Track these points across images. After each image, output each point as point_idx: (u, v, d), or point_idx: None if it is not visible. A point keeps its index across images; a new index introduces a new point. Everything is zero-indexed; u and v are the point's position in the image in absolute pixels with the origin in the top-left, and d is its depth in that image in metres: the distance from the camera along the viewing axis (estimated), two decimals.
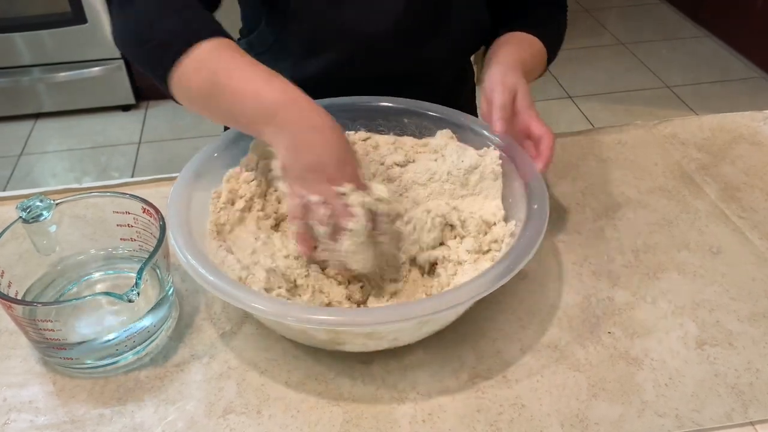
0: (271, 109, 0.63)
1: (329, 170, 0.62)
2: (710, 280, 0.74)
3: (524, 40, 0.86)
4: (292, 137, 0.62)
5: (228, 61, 0.65)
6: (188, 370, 0.64)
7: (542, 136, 0.73)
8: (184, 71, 0.65)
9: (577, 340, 0.67)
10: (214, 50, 0.66)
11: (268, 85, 0.64)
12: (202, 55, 0.65)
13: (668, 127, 1.00)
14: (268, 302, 0.58)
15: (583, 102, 2.76)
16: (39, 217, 0.67)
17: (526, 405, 0.61)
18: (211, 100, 0.66)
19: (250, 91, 0.64)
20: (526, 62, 0.81)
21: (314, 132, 0.62)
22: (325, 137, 0.62)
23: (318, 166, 0.62)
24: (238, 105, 0.65)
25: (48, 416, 0.61)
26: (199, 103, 0.68)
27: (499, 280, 0.58)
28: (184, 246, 0.61)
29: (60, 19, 2.49)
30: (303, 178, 0.62)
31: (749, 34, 2.95)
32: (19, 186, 2.35)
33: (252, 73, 0.65)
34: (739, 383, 0.63)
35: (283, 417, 0.60)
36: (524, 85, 0.76)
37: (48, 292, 0.69)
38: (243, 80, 0.64)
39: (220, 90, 0.65)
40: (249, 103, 0.64)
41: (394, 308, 0.60)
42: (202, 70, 0.65)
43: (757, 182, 0.88)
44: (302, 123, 0.62)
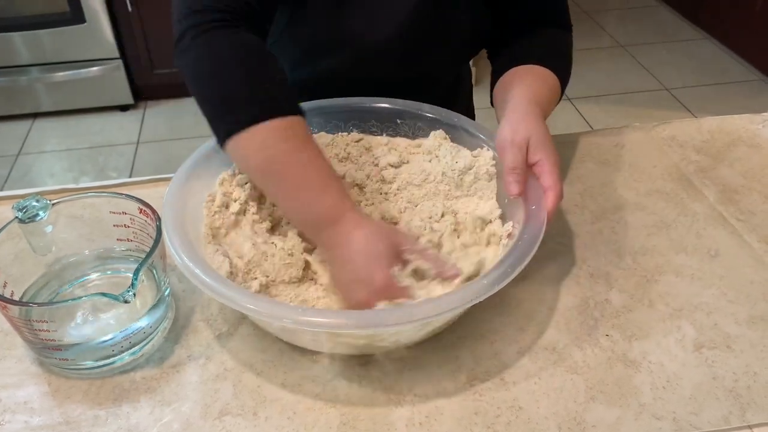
0: (318, 222, 0.64)
1: (361, 285, 0.62)
2: (708, 282, 0.74)
3: (537, 74, 0.81)
4: (329, 254, 0.66)
5: (288, 151, 0.64)
6: (184, 372, 0.64)
7: (548, 189, 0.68)
8: (244, 142, 0.64)
9: (575, 343, 0.67)
10: (279, 132, 0.64)
11: (318, 197, 0.64)
12: (269, 134, 0.64)
13: (667, 129, 0.99)
14: (267, 304, 0.58)
15: (581, 104, 2.76)
16: (35, 218, 0.66)
17: (524, 407, 0.61)
18: (266, 183, 0.67)
19: (303, 197, 0.65)
20: (541, 99, 0.77)
21: (343, 249, 0.63)
22: (351, 252, 0.63)
23: (350, 285, 0.64)
24: (288, 203, 0.66)
25: (43, 417, 0.60)
26: (255, 177, 0.69)
27: (501, 281, 0.58)
28: (180, 248, 0.61)
29: (58, 19, 2.49)
30: (343, 297, 0.65)
31: (748, 37, 2.95)
32: (17, 186, 2.35)
33: (307, 175, 0.64)
34: (737, 386, 0.63)
35: (279, 419, 0.60)
36: (539, 131, 0.71)
37: (44, 293, 0.69)
38: (297, 181, 0.64)
39: (275, 180, 0.65)
40: (297, 208, 0.66)
41: (394, 311, 0.60)
42: (262, 151, 0.64)
43: (755, 185, 0.88)
44: (336, 241, 0.64)
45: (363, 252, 0.63)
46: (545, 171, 0.69)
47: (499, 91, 0.82)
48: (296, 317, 0.56)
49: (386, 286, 0.61)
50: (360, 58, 0.84)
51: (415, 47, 0.84)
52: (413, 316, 0.56)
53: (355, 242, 0.63)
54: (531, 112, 0.73)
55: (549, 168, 0.69)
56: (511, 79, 0.81)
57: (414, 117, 0.82)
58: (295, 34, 0.86)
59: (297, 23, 0.84)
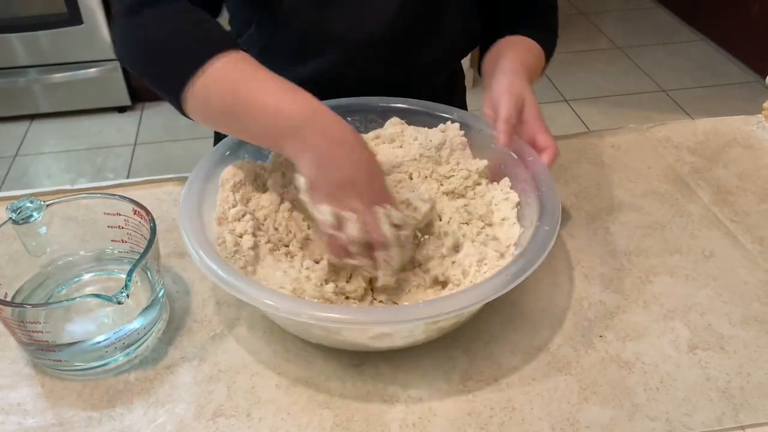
0: (294, 124, 0.61)
1: (359, 186, 0.61)
2: (702, 283, 0.74)
3: (524, 43, 0.85)
4: (318, 153, 0.61)
5: (247, 75, 0.64)
6: (178, 373, 0.64)
7: (546, 147, 0.72)
8: (200, 87, 0.64)
9: (569, 344, 0.67)
10: (231, 64, 0.64)
11: (289, 99, 0.62)
12: (220, 70, 0.63)
13: (662, 130, 1.00)
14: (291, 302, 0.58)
15: (578, 105, 2.77)
16: (29, 219, 0.66)
17: (518, 408, 0.61)
18: (231, 116, 0.65)
19: (272, 105, 0.62)
20: (530, 67, 0.81)
21: (341, 146, 0.61)
22: (352, 151, 0.62)
23: (348, 182, 0.61)
24: (260, 120, 0.63)
25: (36, 418, 0.60)
26: (217, 119, 0.67)
27: (513, 281, 0.59)
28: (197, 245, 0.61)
29: (56, 20, 2.48)
30: (333, 194, 0.61)
31: (745, 39, 2.96)
32: (15, 187, 2.35)
33: (273, 87, 0.63)
34: (730, 387, 0.63)
35: (273, 420, 0.60)
36: (531, 93, 0.75)
37: (38, 294, 0.69)
38: (264, 94, 0.63)
39: (240, 105, 0.63)
40: (271, 118, 0.63)
41: (407, 308, 0.60)
42: (220, 85, 0.63)
43: (749, 186, 0.88)
44: (327, 138, 0.61)
45: (358, 152, 0.61)
46: (539, 131, 0.74)
47: (488, 61, 0.85)
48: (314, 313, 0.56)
49: (384, 195, 0.61)
50: (347, 59, 0.85)
51: (403, 46, 0.85)
52: (425, 314, 0.56)
53: (346, 140, 0.61)
54: (524, 74, 0.77)
55: (543, 128, 0.74)
56: (499, 49, 0.84)
57: (366, 111, 0.82)
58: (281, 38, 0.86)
59: (283, 26, 0.84)
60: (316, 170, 0.62)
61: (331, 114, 0.63)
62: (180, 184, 0.88)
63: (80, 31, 2.52)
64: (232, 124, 0.67)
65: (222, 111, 0.65)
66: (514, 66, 0.78)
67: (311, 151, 0.61)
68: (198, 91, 0.64)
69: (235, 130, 0.68)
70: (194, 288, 0.73)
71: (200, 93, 0.64)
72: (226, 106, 0.64)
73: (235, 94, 0.63)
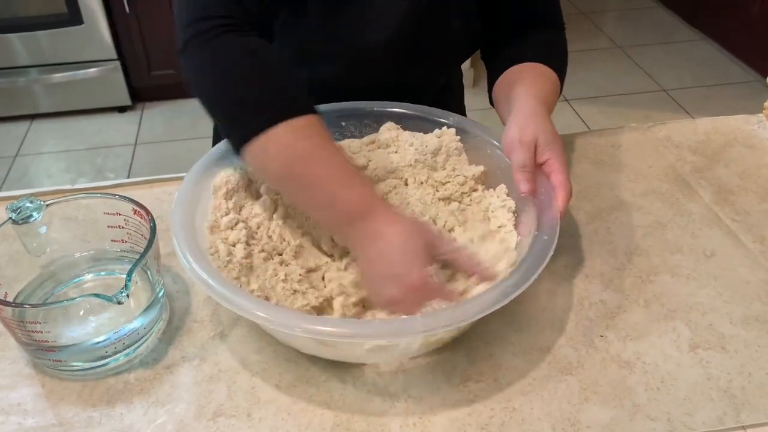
0: (344, 217, 0.62)
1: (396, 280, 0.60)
2: (703, 283, 0.74)
3: (538, 71, 0.81)
4: (361, 249, 0.63)
5: (308, 150, 0.63)
6: (178, 373, 0.64)
7: (558, 187, 0.68)
8: (262, 147, 0.63)
9: (570, 344, 0.67)
10: (298, 132, 0.63)
11: (343, 190, 0.62)
12: (287, 135, 0.62)
13: (663, 130, 1.00)
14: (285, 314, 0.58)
15: (579, 105, 2.76)
16: (29, 219, 0.66)
17: (518, 408, 0.61)
18: (288, 186, 0.65)
19: (327, 191, 0.63)
20: (545, 96, 0.77)
21: (378, 242, 0.61)
22: (388, 246, 0.61)
23: (384, 279, 0.61)
24: (311, 201, 0.64)
25: (36, 418, 0.60)
26: (275, 182, 0.68)
27: (514, 291, 0.58)
28: (189, 255, 0.61)
29: (56, 20, 2.48)
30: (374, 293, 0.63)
31: (746, 38, 2.96)
32: (15, 187, 2.35)
33: (331, 171, 0.63)
34: (732, 387, 0.63)
35: (273, 420, 0.60)
36: (547, 130, 0.71)
37: (38, 294, 0.69)
38: (320, 177, 0.63)
39: (295, 180, 0.63)
40: (321, 204, 0.64)
41: (404, 321, 0.59)
42: (283, 153, 0.63)
43: (750, 185, 0.88)
44: (370, 235, 0.62)
45: (399, 247, 0.60)
46: (554, 169, 0.69)
47: (501, 91, 0.82)
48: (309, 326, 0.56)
49: (422, 284, 0.59)
50: (352, 65, 0.84)
51: (408, 53, 0.84)
52: (443, 321, 0.56)
53: (390, 237, 0.61)
54: (537, 111, 0.73)
55: (558, 167, 0.69)
56: (513, 78, 0.81)
57: (360, 115, 0.82)
58: (287, 43, 0.85)
59: (289, 31, 0.84)
60: (361, 265, 0.64)
61: (383, 209, 0.62)
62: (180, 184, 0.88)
63: (80, 31, 2.51)
64: (288, 193, 0.68)
65: (279, 177, 0.65)
66: (529, 103, 0.74)
67: (357, 246, 0.63)
68: (260, 150, 0.63)
69: (290, 198, 0.70)
70: (194, 288, 0.73)
71: (261, 153, 0.64)
72: (284, 175, 0.64)
73: (294, 169, 0.63)
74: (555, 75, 0.82)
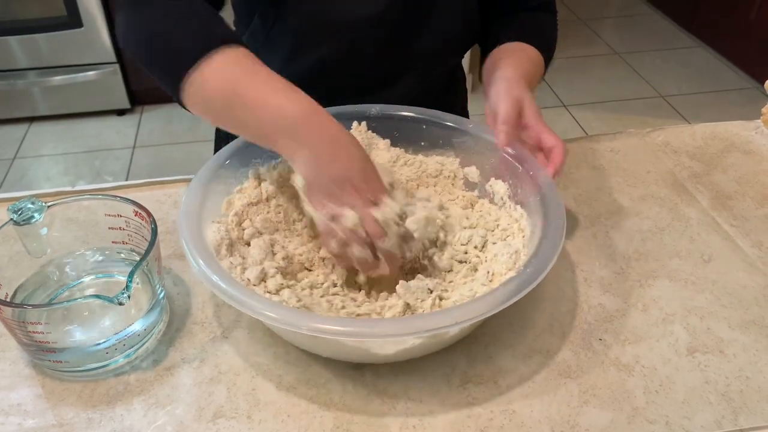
0: (292, 122, 0.63)
1: (355, 181, 0.62)
2: (701, 287, 0.74)
3: (523, 50, 0.86)
4: (314, 150, 0.63)
5: (248, 71, 0.65)
6: (178, 374, 0.64)
7: (553, 146, 0.73)
8: (200, 79, 0.64)
9: (569, 347, 0.67)
10: (232, 59, 0.65)
11: (288, 98, 0.64)
12: (221, 64, 0.64)
13: (661, 135, 1.00)
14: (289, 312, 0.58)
15: (577, 111, 2.77)
16: (30, 220, 0.66)
17: (517, 411, 0.61)
18: (229, 110, 0.66)
19: (272, 103, 0.63)
20: (528, 73, 0.81)
21: (336, 144, 0.63)
22: (347, 149, 0.63)
23: (344, 177, 0.62)
24: (258, 116, 0.64)
25: (36, 419, 0.60)
26: (215, 112, 0.68)
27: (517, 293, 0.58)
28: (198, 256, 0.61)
29: (56, 23, 2.49)
30: (330, 190, 0.63)
31: (743, 45, 2.97)
32: (13, 189, 2.35)
33: (273, 85, 0.64)
34: (730, 391, 0.63)
35: (273, 422, 0.60)
36: (530, 97, 0.76)
37: (38, 295, 0.69)
38: (264, 92, 0.64)
39: (240, 100, 0.64)
40: (269, 115, 0.64)
41: (407, 321, 0.60)
42: (221, 79, 0.64)
43: (748, 190, 0.89)
44: (323, 136, 0.63)
45: (353, 150, 0.63)
46: (543, 132, 0.74)
47: (487, 69, 0.85)
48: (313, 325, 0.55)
49: (379, 189, 0.63)
50: (348, 46, 0.85)
51: (402, 27, 0.85)
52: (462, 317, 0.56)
53: (341, 139, 0.63)
54: (522, 79, 0.77)
55: (545, 129, 0.74)
56: (497, 57, 0.84)
57: (365, 118, 0.82)
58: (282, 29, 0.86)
59: (284, 15, 0.84)
60: (313, 168, 0.63)
61: (327, 114, 0.64)
62: (181, 186, 0.88)
63: (80, 34, 2.52)
64: (230, 118, 0.67)
65: (220, 105, 0.66)
66: (512, 73, 0.78)
67: (307, 149, 0.63)
68: (197, 84, 0.65)
69: (232, 124, 0.68)
70: (194, 290, 0.73)
71: (199, 85, 0.65)
72: (225, 99, 0.65)
73: (234, 89, 0.64)
74: (538, 54, 0.86)
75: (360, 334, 0.56)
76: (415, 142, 0.82)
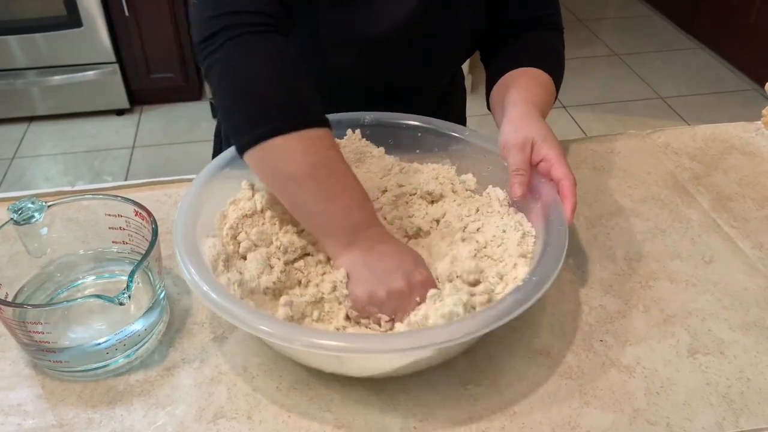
0: (354, 225, 0.65)
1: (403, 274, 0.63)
2: (702, 289, 0.74)
3: (531, 75, 0.82)
4: (364, 252, 0.64)
5: (331, 160, 0.65)
6: (178, 375, 0.64)
7: (561, 179, 0.69)
8: (275, 151, 0.64)
9: (570, 348, 0.67)
10: (320, 142, 0.65)
11: (359, 203, 0.66)
12: (308, 142, 0.64)
13: (661, 136, 1.00)
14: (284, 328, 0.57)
15: (576, 112, 2.78)
16: (30, 219, 0.66)
17: (518, 412, 0.61)
18: (297, 187, 0.65)
19: (344, 201, 0.65)
20: (541, 102, 0.78)
21: (388, 245, 0.65)
22: (398, 248, 0.66)
23: (393, 268, 0.63)
24: (323, 206, 0.65)
25: (36, 420, 0.60)
26: (278, 184, 0.67)
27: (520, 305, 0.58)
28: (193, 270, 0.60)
29: (55, 23, 2.49)
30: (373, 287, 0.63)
31: (742, 47, 2.98)
32: (12, 189, 2.34)
33: (349, 185, 0.66)
34: (731, 392, 0.63)
35: (273, 422, 0.60)
36: (540, 129, 0.72)
37: (38, 295, 0.69)
38: (339, 187, 0.65)
39: (314, 184, 0.64)
40: (335, 211, 0.65)
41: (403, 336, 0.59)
42: (304, 156, 0.63)
43: (749, 192, 0.89)
44: (378, 241, 0.65)
45: (406, 250, 0.66)
46: (554, 163, 0.70)
47: (496, 98, 0.83)
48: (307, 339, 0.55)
49: (427, 280, 0.63)
50: (361, 56, 0.84)
51: (418, 43, 0.84)
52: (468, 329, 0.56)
53: (395, 243, 0.66)
54: (529, 112, 0.74)
55: (557, 160, 0.70)
56: (506, 83, 0.82)
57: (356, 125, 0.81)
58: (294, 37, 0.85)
59: (298, 21, 0.83)
60: (359, 265, 0.64)
61: (385, 233, 0.67)
62: (181, 186, 0.88)
63: (79, 34, 2.52)
64: (291, 196, 0.66)
65: (289, 179, 0.65)
66: (521, 108, 0.75)
67: (359, 249, 0.64)
68: (271, 153, 0.64)
69: (290, 202, 0.67)
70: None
71: (272, 155, 0.64)
72: (299, 177, 0.64)
73: (311, 172, 0.64)
74: (550, 79, 0.83)
75: (354, 350, 0.55)
76: (410, 150, 0.81)
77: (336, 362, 0.61)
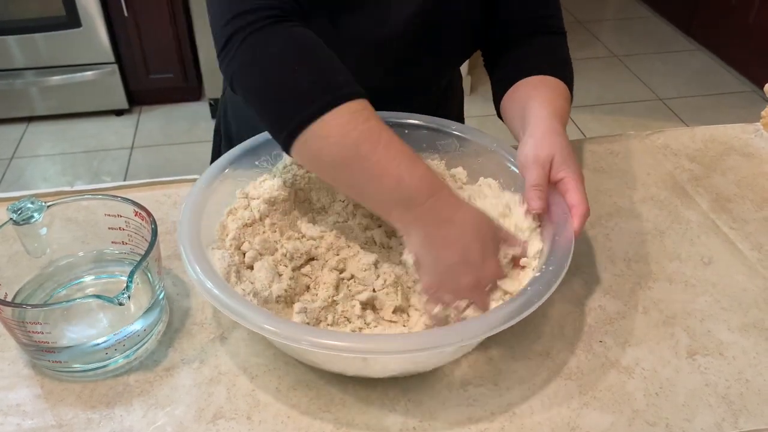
0: (407, 196, 0.61)
1: (470, 266, 0.61)
2: (701, 290, 0.74)
3: (551, 86, 0.80)
4: (427, 230, 0.61)
5: (369, 134, 0.61)
6: (178, 375, 0.64)
7: (574, 206, 0.67)
8: (317, 136, 0.61)
9: (569, 349, 0.67)
10: (354, 117, 0.61)
11: (408, 169, 0.61)
12: (341, 121, 0.61)
13: (661, 137, 1.00)
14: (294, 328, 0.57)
15: (575, 113, 2.78)
16: (30, 219, 0.66)
17: (517, 413, 0.61)
18: (345, 172, 0.63)
19: (393, 173, 0.61)
20: (560, 112, 0.76)
21: (450, 227, 0.61)
22: (462, 231, 0.61)
23: (457, 264, 0.61)
24: (375, 183, 0.62)
25: (35, 420, 0.60)
26: (328, 170, 0.65)
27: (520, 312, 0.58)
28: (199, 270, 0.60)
29: (54, 23, 2.49)
30: (442, 280, 0.61)
31: (741, 48, 2.98)
32: (10, 189, 2.34)
33: (394, 153, 0.62)
34: (730, 393, 0.63)
35: (273, 423, 0.60)
36: (562, 148, 0.70)
37: (38, 295, 0.69)
38: (386, 158, 0.61)
39: (359, 165, 0.61)
40: (386, 185, 0.61)
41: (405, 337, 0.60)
42: (339, 142, 0.61)
43: (748, 193, 0.89)
44: (438, 217, 0.61)
45: (474, 235, 0.61)
46: (571, 188, 0.68)
47: (513, 105, 0.81)
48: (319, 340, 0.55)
49: (496, 274, 0.62)
50: (361, 58, 0.83)
51: (417, 45, 0.83)
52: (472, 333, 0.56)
53: (462, 223, 0.61)
54: (553, 128, 0.72)
55: (574, 185, 0.68)
56: (526, 92, 0.80)
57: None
58: None
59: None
60: (425, 250, 0.62)
61: (446, 190, 0.62)
62: (180, 186, 0.88)
63: (78, 34, 2.52)
64: (344, 179, 0.65)
65: (337, 165, 0.63)
66: (544, 119, 0.73)
67: (421, 228, 0.61)
68: (313, 140, 0.62)
69: (345, 185, 0.66)
70: (194, 290, 0.73)
71: (315, 142, 0.62)
72: (343, 161, 0.62)
73: (354, 154, 0.61)
74: (566, 88, 0.81)
75: (356, 350, 0.55)
76: None
77: (361, 364, 0.60)
